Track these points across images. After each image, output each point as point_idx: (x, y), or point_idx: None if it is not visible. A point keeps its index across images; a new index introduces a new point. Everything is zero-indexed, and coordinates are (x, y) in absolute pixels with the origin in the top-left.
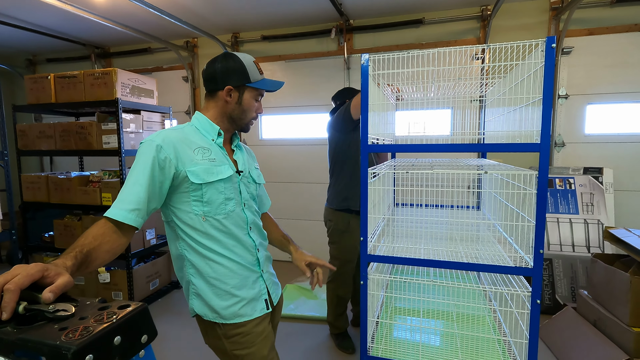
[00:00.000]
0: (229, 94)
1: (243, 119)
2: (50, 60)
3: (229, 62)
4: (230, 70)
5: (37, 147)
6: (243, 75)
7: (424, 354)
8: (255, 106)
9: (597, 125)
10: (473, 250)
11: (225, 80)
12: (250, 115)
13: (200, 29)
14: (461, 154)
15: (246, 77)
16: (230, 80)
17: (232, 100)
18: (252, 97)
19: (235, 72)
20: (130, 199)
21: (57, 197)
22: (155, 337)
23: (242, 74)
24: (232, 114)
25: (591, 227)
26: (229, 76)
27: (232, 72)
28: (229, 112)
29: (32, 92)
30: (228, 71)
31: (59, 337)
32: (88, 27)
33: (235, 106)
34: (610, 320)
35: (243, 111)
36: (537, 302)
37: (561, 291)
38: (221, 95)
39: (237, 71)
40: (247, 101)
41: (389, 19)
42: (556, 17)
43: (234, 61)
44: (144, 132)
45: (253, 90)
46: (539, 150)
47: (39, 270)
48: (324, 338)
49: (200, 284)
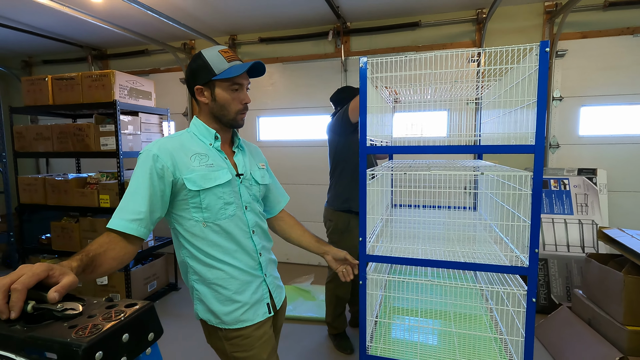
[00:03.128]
0: (202, 93)
1: (225, 114)
2: (46, 62)
3: (195, 62)
4: (195, 70)
5: (34, 149)
6: (207, 71)
7: (422, 353)
8: (234, 97)
9: (590, 127)
10: (470, 250)
11: (194, 82)
12: (232, 108)
13: (198, 30)
14: (458, 156)
15: (210, 72)
16: (198, 80)
17: (207, 99)
18: (225, 90)
19: (199, 70)
20: (130, 208)
21: (54, 199)
22: (161, 335)
23: (206, 70)
24: (213, 112)
25: (585, 228)
26: (195, 76)
27: (197, 71)
28: (211, 111)
29: (29, 94)
30: (194, 72)
31: (69, 335)
32: (85, 28)
33: (212, 104)
34: (605, 319)
35: (221, 107)
36: (532, 300)
37: (556, 291)
38: (197, 97)
39: (201, 69)
40: (220, 95)
41: (386, 21)
42: (550, 21)
43: (199, 59)
44: (142, 133)
45: (223, 82)
46: (534, 152)
47: (45, 270)
48: (322, 339)
49: (202, 289)
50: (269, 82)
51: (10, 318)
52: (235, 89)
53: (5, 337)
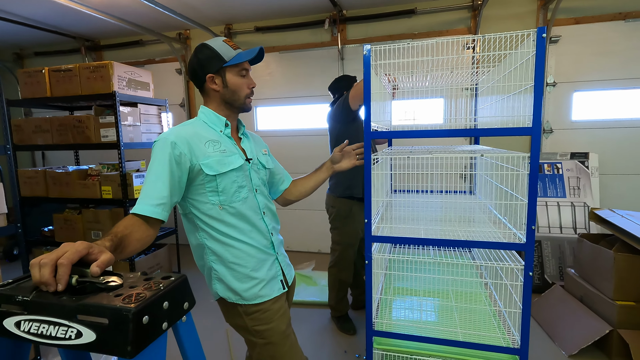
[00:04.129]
0: (213, 81)
1: (237, 99)
2: (38, 53)
3: (202, 52)
4: (205, 60)
5: (33, 141)
6: (218, 59)
7: (424, 328)
8: (243, 82)
9: (583, 112)
10: (469, 230)
11: (204, 71)
12: (242, 92)
13: (193, 20)
14: (455, 141)
15: (221, 59)
16: (209, 69)
17: (218, 87)
18: (235, 75)
19: (210, 59)
20: (155, 194)
21: (56, 191)
22: (194, 305)
23: (217, 58)
24: (225, 99)
25: (578, 210)
26: (206, 66)
27: (208, 61)
28: (222, 98)
29: (26, 86)
30: (203, 61)
31: (117, 302)
32: (78, 19)
33: (224, 90)
34: (596, 296)
35: (233, 92)
36: (529, 274)
37: (550, 271)
38: (208, 86)
39: (210, 58)
40: (232, 81)
41: (382, 9)
42: (544, 7)
43: (206, 49)
44: (141, 124)
45: (233, 69)
46: (531, 134)
47: (86, 248)
48: (325, 321)
49: (221, 269)
50: (266, 72)
51: (57, 290)
52: (243, 74)
53: (57, 306)
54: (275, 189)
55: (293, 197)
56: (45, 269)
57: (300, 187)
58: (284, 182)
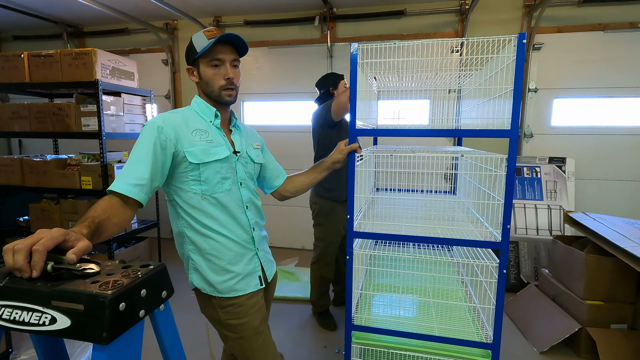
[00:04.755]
0: (192, 73)
1: (211, 90)
2: (17, 37)
3: (187, 47)
4: (186, 52)
5: (10, 128)
6: (191, 51)
7: (402, 323)
8: (216, 73)
9: (562, 118)
10: (448, 229)
11: (187, 64)
12: (214, 83)
13: (181, 10)
14: (438, 142)
15: (194, 51)
16: (187, 61)
17: (196, 78)
18: (206, 66)
19: (187, 52)
20: (134, 174)
21: (33, 180)
22: (172, 294)
23: (191, 50)
24: (203, 90)
25: (554, 212)
26: (186, 58)
27: (187, 53)
28: (201, 89)
29: (3, 71)
30: (186, 55)
31: (94, 289)
32: (60, 3)
33: (201, 82)
34: (567, 295)
35: (206, 83)
36: (503, 272)
37: (525, 271)
38: (190, 78)
39: (188, 51)
40: (203, 72)
41: (372, 8)
42: (529, 14)
43: (188, 44)
44: (124, 115)
45: (204, 59)
46: (509, 136)
47: (62, 234)
48: (306, 317)
49: (198, 259)
50: (255, 66)
51: (32, 277)
52: (215, 64)
53: (31, 292)
54: (270, 184)
55: (289, 193)
56: (19, 255)
57: (296, 183)
58: (278, 177)
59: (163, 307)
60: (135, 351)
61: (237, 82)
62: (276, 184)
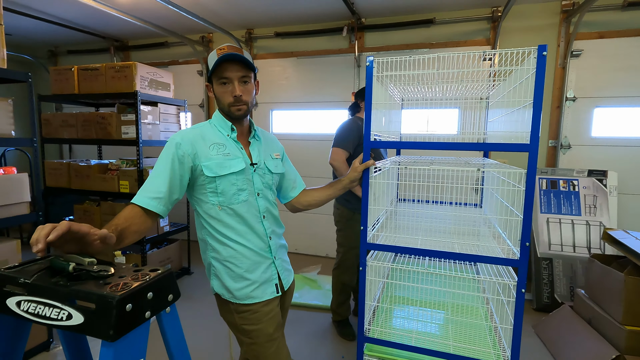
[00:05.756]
0: (210, 89)
1: (222, 106)
2: (71, 52)
3: None
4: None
5: (60, 135)
6: (208, 70)
7: (417, 338)
8: (224, 90)
9: (603, 128)
10: (468, 243)
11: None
12: (224, 100)
13: (215, 24)
14: (465, 154)
15: (209, 70)
16: (207, 78)
17: (213, 95)
18: (216, 84)
19: (207, 69)
20: (152, 188)
21: (78, 183)
22: (179, 298)
23: (208, 69)
24: (218, 106)
25: (593, 229)
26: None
27: (206, 71)
28: (218, 105)
29: (56, 83)
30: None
31: (105, 289)
32: (108, 20)
33: (215, 98)
34: (604, 319)
35: (218, 100)
36: (522, 291)
37: (560, 290)
38: (209, 94)
39: (206, 68)
40: (215, 90)
41: (400, 18)
42: (567, 20)
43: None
44: (160, 123)
45: (214, 77)
46: (529, 150)
47: (88, 226)
48: (326, 325)
49: (218, 266)
50: (283, 76)
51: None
52: (224, 82)
53: (52, 290)
54: (285, 194)
55: (301, 206)
56: (44, 230)
57: (310, 197)
58: (294, 188)
59: (169, 310)
60: (141, 349)
61: (247, 97)
62: (292, 194)
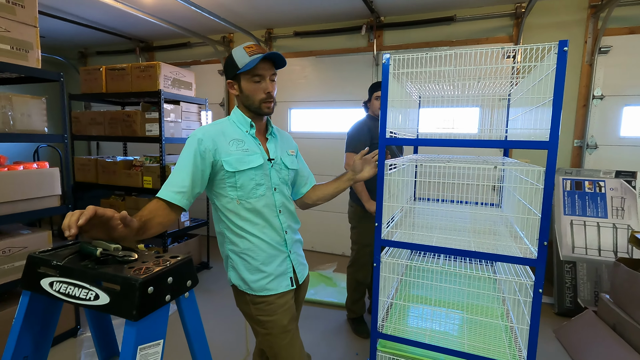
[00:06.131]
0: (232, 86)
1: (252, 103)
2: (99, 52)
3: (227, 60)
4: (226, 68)
5: (88, 132)
6: (233, 67)
7: (431, 336)
8: (257, 87)
9: (633, 128)
10: (485, 242)
11: (226, 77)
12: (255, 97)
13: (236, 24)
14: (489, 151)
15: (235, 67)
16: (227, 75)
17: (236, 91)
18: (247, 81)
19: (228, 67)
20: (176, 182)
21: (104, 178)
22: (197, 284)
23: (232, 66)
24: (243, 102)
25: (620, 232)
26: (227, 73)
27: (227, 68)
28: (241, 102)
29: (85, 83)
30: (225, 69)
31: (129, 273)
32: (134, 22)
33: (241, 95)
34: (630, 325)
35: (247, 97)
36: (539, 291)
37: (584, 295)
38: (229, 90)
39: (229, 66)
40: (245, 86)
41: (420, 16)
42: (595, 15)
43: (228, 58)
44: (182, 121)
45: (245, 75)
46: (548, 148)
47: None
48: (341, 322)
49: (235, 258)
50: (302, 75)
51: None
52: (257, 80)
53: (82, 272)
54: (297, 190)
55: (310, 201)
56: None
57: (319, 192)
58: (306, 184)
59: (188, 295)
60: (161, 330)
61: (274, 94)
62: (303, 190)
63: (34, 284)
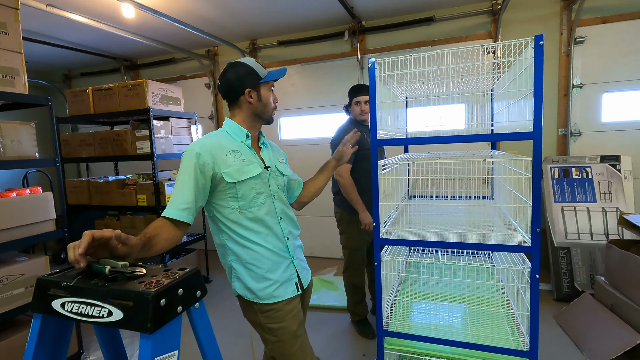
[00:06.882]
0: (250, 95)
1: (267, 112)
2: (84, 74)
3: (239, 69)
4: (243, 76)
5: (79, 154)
6: (254, 75)
7: (437, 330)
8: (272, 97)
9: (613, 113)
10: (480, 233)
11: (243, 86)
12: (271, 106)
13: (220, 37)
14: (478, 145)
15: (257, 76)
16: (247, 84)
17: (254, 100)
18: (267, 90)
19: (247, 75)
20: (181, 200)
21: (98, 199)
22: (206, 294)
23: (253, 75)
24: (257, 111)
25: (609, 215)
26: (244, 81)
27: (246, 76)
28: (254, 111)
29: (73, 105)
30: (241, 77)
31: (140, 287)
32: (118, 42)
33: (258, 104)
34: (627, 304)
35: (264, 105)
36: (536, 276)
37: (580, 279)
38: (244, 99)
39: (249, 74)
40: (264, 95)
41: (400, 18)
42: (568, 7)
43: (242, 67)
44: (173, 137)
45: (265, 85)
46: (532, 138)
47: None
48: (346, 325)
49: (239, 268)
50: (289, 83)
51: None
52: (272, 90)
53: (93, 290)
54: (292, 194)
55: (306, 199)
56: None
57: (311, 188)
58: (298, 187)
59: (198, 305)
60: (175, 342)
61: None
62: (296, 193)
63: (45, 306)
